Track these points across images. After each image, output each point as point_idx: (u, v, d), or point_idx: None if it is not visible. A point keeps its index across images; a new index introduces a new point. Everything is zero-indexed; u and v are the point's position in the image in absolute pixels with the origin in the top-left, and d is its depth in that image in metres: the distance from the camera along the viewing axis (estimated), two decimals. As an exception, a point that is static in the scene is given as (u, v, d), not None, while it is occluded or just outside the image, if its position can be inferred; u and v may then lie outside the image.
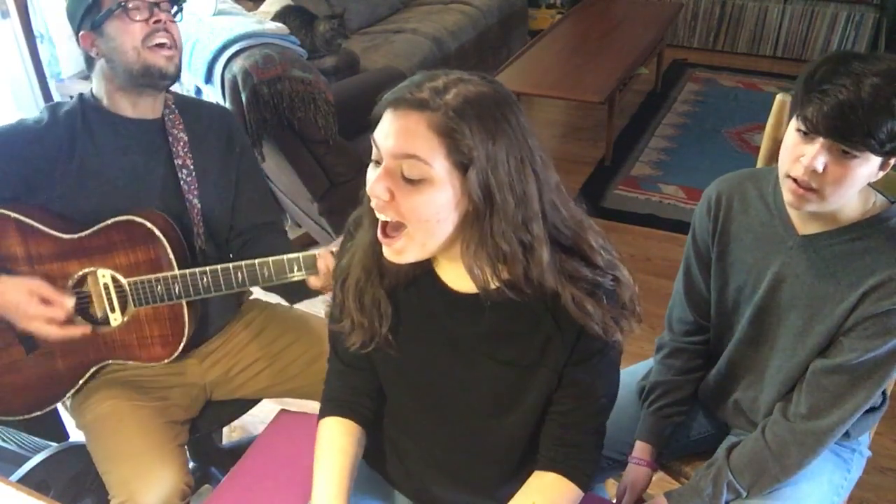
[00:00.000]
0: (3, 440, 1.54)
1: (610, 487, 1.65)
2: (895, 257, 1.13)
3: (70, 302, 1.36)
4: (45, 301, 1.33)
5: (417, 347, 1.10)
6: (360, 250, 1.05)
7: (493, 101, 0.91)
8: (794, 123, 1.11)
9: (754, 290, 1.29)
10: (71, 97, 3.18)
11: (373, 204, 0.95)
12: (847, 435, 1.31)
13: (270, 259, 1.38)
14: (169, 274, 1.39)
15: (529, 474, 1.11)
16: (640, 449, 1.42)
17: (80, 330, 1.38)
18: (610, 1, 4.41)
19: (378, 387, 1.19)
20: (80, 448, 1.49)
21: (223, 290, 1.40)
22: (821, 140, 1.06)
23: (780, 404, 1.27)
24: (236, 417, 1.68)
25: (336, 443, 1.15)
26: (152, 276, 1.39)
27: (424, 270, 1.06)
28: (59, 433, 1.65)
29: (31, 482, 1.39)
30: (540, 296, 0.98)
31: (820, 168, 1.06)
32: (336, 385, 1.20)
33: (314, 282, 1.41)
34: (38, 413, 1.49)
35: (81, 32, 1.41)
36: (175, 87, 1.55)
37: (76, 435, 1.56)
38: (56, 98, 3.06)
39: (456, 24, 3.91)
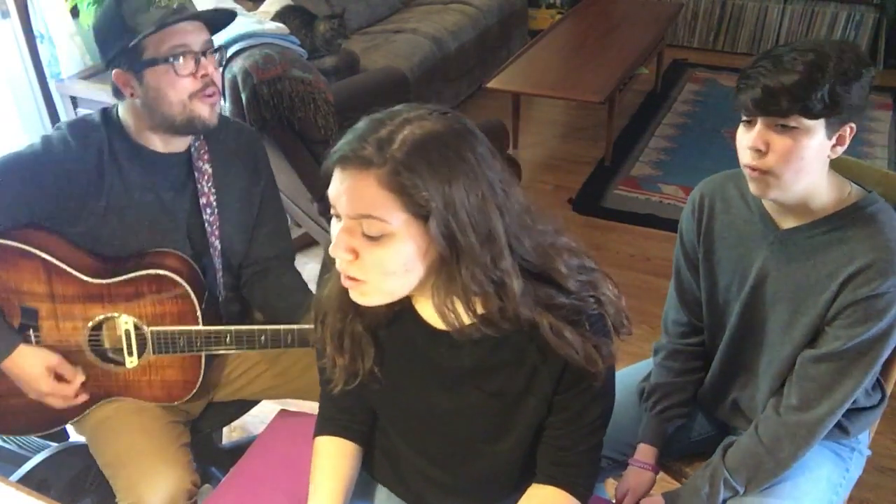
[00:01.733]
0: (3, 440, 1.55)
1: (610, 487, 1.65)
2: (872, 245, 1.14)
3: (81, 378, 1.39)
4: (60, 378, 1.36)
5: (403, 381, 1.08)
6: (336, 289, 1.02)
7: (444, 139, 0.86)
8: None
9: (741, 287, 1.30)
10: (72, 98, 3.15)
11: (336, 265, 0.93)
12: (846, 433, 1.31)
13: (296, 327, 1.39)
14: (193, 328, 1.39)
15: (528, 485, 1.10)
16: (643, 451, 1.41)
17: (82, 399, 1.41)
18: (610, 1, 4.41)
19: (371, 407, 1.18)
20: (80, 448, 1.49)
21: (245, 348, 1.41)
22: (758, 121, 1.13)
23: (773, 399, 1.27)
24: (237, 418, 1.69)
25: (331, 465, 1.15)
26: (176, 329, 1.39)
27: (404, 307, 1.04)
28: (59, 433, 1.65)
29: (31, 482, 1.40)
30: (518, 328, 0.96)
31: (762, 146, 1.12)
32: (329, 406, 1.19)
33: None
34: (38, 434, 1.50)
35: (116, 70, 1.33)
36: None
37: (76, 435, 1.56)
38: (56, 98, 3.06)
39: (456, 24, 3.91)
